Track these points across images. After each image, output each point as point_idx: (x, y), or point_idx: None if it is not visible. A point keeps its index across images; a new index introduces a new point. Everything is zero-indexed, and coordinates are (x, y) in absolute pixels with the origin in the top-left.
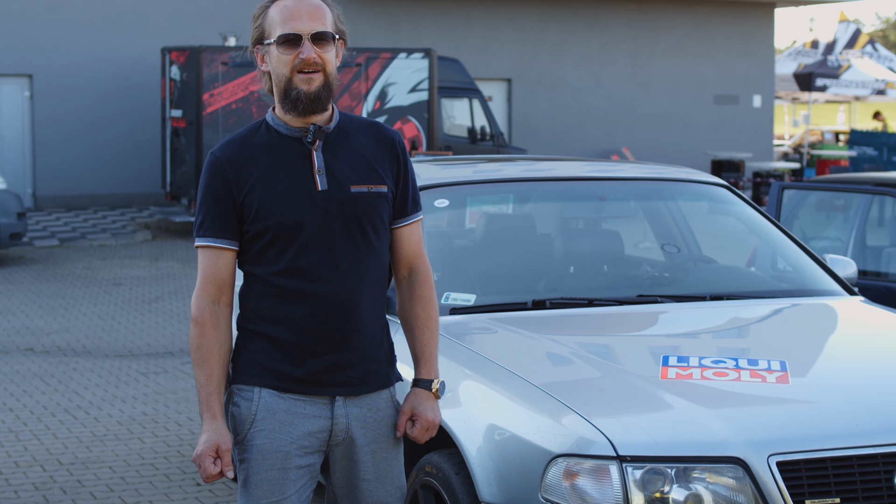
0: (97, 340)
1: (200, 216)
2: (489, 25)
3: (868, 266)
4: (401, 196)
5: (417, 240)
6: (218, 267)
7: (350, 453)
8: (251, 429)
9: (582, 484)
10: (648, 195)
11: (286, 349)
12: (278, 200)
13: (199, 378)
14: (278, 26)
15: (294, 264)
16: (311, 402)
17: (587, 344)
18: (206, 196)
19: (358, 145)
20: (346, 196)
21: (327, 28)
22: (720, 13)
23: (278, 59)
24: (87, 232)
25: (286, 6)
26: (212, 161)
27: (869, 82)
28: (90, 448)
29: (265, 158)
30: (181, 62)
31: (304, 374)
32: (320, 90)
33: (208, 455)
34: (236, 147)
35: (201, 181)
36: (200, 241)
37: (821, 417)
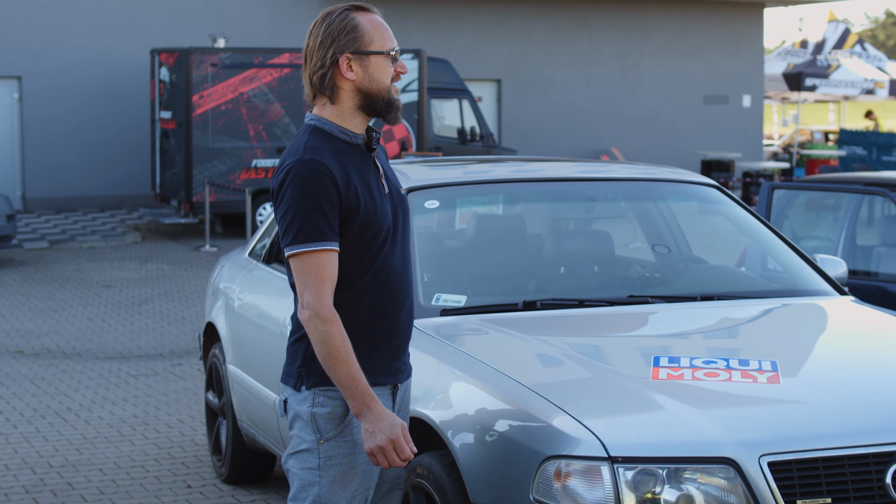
0: (87, 343)
1: (312, 221)
2: (478, 26)
3: (858, 266)
4: None
5: None
6: (334, 268)
7: None
8: (348, 424)
9: (573, 485)
10: (638, 195)
11: (375, 345)
12: (372, 204)
13: (342, 376)
14: (380, 39)
15: (380, 264)
16: (381, 391)
17: (578, 345)
18: (316, 201)
19: (381, 152)
20: (400, 197)
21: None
22: (709, 13)
23: (384, 70)
24: (77, 234)
25: (378, 21)
26: (315, 168)
27: (858, 82)
28: (80, 451)
29: (351, 164)
30: (171, 64)
31: (384, 367)
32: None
33: (400, 437)
34: (328, 154)
35: (301, 188)
36: (322, 245)
37: (812, 417)
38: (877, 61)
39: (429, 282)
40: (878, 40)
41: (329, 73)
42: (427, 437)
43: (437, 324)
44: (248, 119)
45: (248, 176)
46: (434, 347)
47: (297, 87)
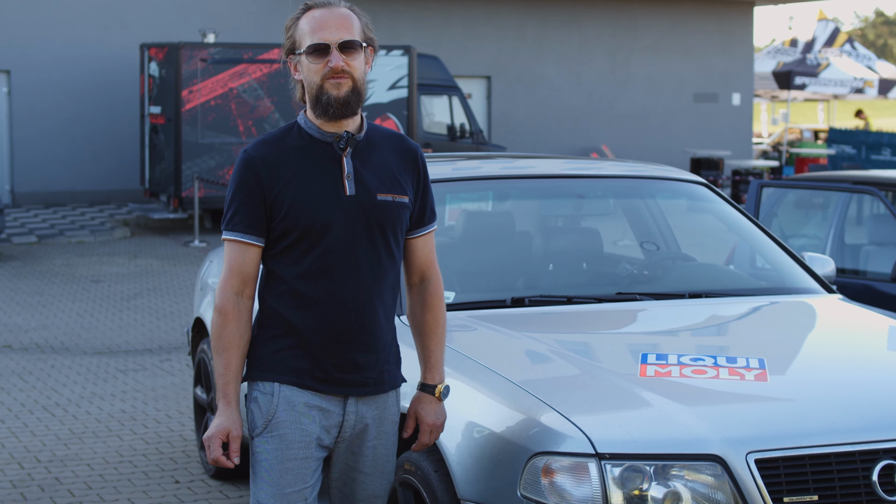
0: (75, 338)
1: (231, 210)
2: (468, 23)
3: (846, 264)
4: (419, 207)
5: (431, 249)
6: (245, 261)
7: (354, 447)
8: (273, 419)
9: (561, 481)
10: (627, 193)
11: (306, 348)
12: (308, 201)
13: (217, 366)
14: (308, 36)
15: (317, 266)
16: (325, 398)
17: (566, 341)
18: (237, 192)
19: (384, 155)
20: (373, 203)
21: (354, 37)
22: (699, 11)
23: (309, 67)
24: (66, 229)
25: (315, 17)
26: (245, 159)
27: (848, 81)
28: (68, 445)
29: (298, 159)
30: (160, 59)
31: (322, 374)
32: (349, 95)
33: (218, 437)
34: (270, 147)
35: (233, 177)
36: (228, 234)
37: (799, 415)
38: (866, 60)
39: None
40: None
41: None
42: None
43: None
44: (238, 114)
45: None
46: None
47: (286, 82)
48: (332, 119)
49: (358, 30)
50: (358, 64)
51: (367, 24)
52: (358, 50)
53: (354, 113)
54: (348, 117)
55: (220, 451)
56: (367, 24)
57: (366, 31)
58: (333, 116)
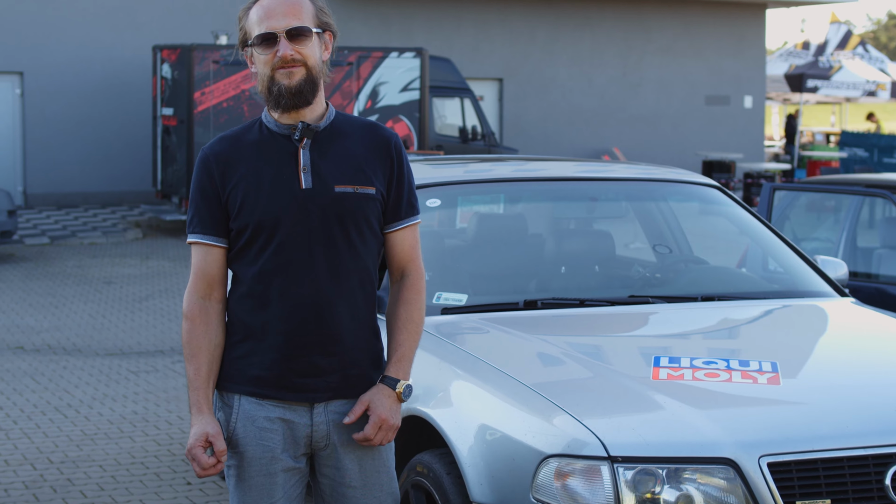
0: (88, 339)
1: (191, 212)
2: (480, 25)
3: (859, 267)
4: (393, 199)
5: (411, 245)
6: (207, 263)
7: (333, 460)
8: (233, 436)
9: (573, 484)
10: (639, 196)
11: (263, 353)
12: (260, 197)
13: (188, 373)
14: (256, 26)
15: (271, 264)
16: (289, 407)
17: (578, 344)
18: (195, 193)
19: (350, 146)
20: (330, 195)
21: (303, 23)
22: (711, 14)
23: (259, 59)
24: (78, 230)
25: (263, 5)
26: (201, 158)
27: (860, 83)
28: (81, 447)
29: (252, 155)
30: (172, 60)
31: (280, 380)
32: (302, 84)
33: (199, 446)
34: (226, 144)
35: (192, 177)
36: (191, 237)
37: (812, 418)
38: (878, 63)
39: (430, 280)
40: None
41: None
42: (427, 435)
43: (437, 322)
44: (250, 116)
45: None
46: (435, 346)
47: None
48: (285, 110)
49: (309, 15)
50: (311, 51)
51: (323, 7)
52: (308, 36)
53: (309, 102)
54: (303, 107)
55: (206, 458)
56: (323, 7)
57: (320, 16)
58: (286, 107)
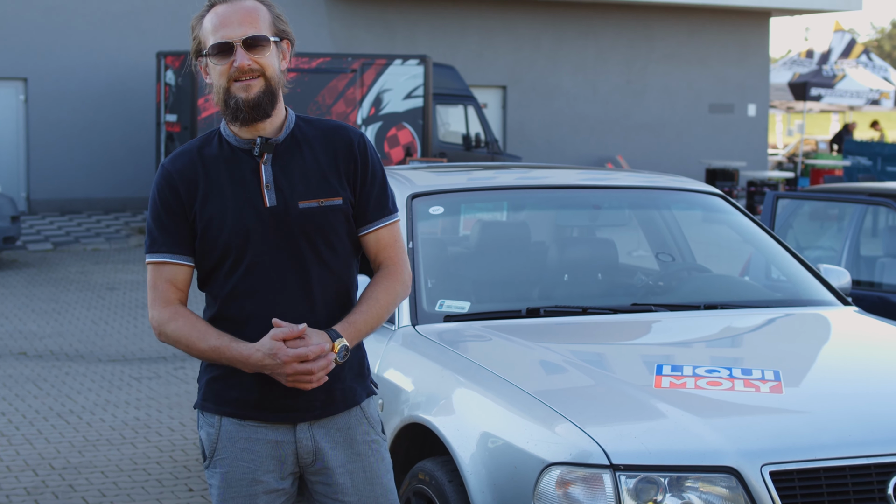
0: (90, 345)
1: (154, 231)
2: (484, 32)
3: (862, 276)
4: (362, 202)
5: (388, 244)
6: (176, 281)
7: (324, 478)
8: (214, 456)
9: (575, 492)
10: (643, 204)
11: (241, 375)
12: (226, 218)
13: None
14: (210, 35)
15: (242, 286)
16: (272, 427)
17: (581, 352)
18: (158, 210)
19: (312, 155)
20: (294, 212)
21: (260, 31)
22: (715, 22)
23: (214, 69)
24: (81, 236)
25: (217, 13)
26: (162, 174)
27: (863, 92)
28: (83, 453)
29: (215, 173)
30: (176, 67)
31: (260, 401)
32: (260, 97)
33: (277, 346)
34: (187, 159)
35: (152, 195)
36: (156, 256)
37: (814, 427)
38: (882, 72)
39: (432, 288)
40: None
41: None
42: (429, 442)
43: (440, 330)
44: None
45: None
46: (437, 353)
47: (302, 91)
48: (244, 124)
49: (266, 23)
50: (269, 61)
51: (279, 15)
52: (266, 45)
53: (268, 115)
54: (262, 120)
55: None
56: (279, 15)
57: (277, 24)
58: (245, 121)
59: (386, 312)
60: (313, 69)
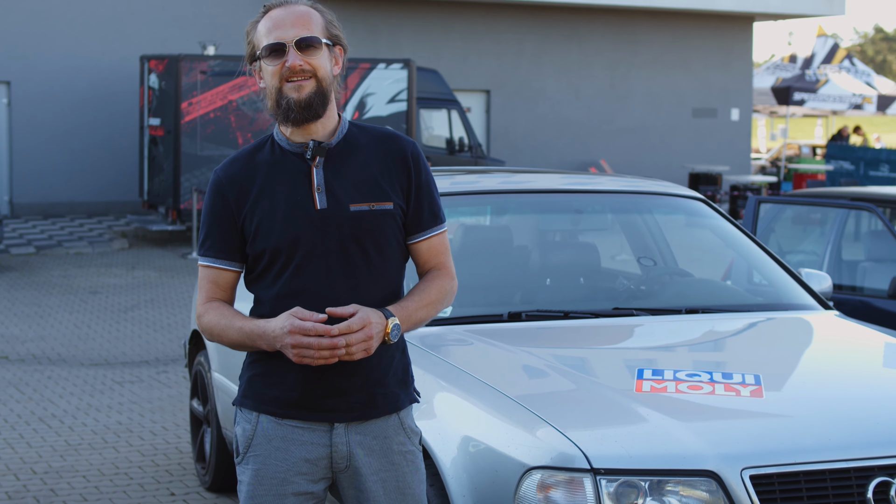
0: (73, 349)
1: (202, 235)
2: (468, 36)
3: (843, 280)
4: (414, 210)
5: (439, 251)
6: (218, 286)
7: (356, 482)
8: (248, 453)
9: (556, 496)
10: (625, 208)
11: (283, 374)
12: (275, 220)
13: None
14: (264, 38)
15: (290, 287)
16: (309, 428)
17: (563, 356)
18: (208, 216)
19: (365, 160)
20: (346, 215)
21: (313, 33)
22: (699, 26)
23: (267, 70)
24: (64, 240)
25: (272, 17)
26: (214, 181)
27: (846, 97)
28: (64, 457)
29: (266, 176)
30: (160, 70)
31: (300, 400)
32: (312, 97)
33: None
34: (239, 165)
35: (205, 199)
36: (203, 260)
37: (794, 431)
38: (865, 76)
39: None
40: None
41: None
42: None
43: (421, 334)
44: (237, 127)
45: None
46: (419, 357)
47: None
48: (295, 125)
49: (319, 27)
50: (320, 62)
51: (332, 21)
52: (318, 47)
53: (319, 115)
54: (313, 121)
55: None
56: (332, 21)
57: (330, 29)
58: (296, 122)
59: (435, 307)
60: None
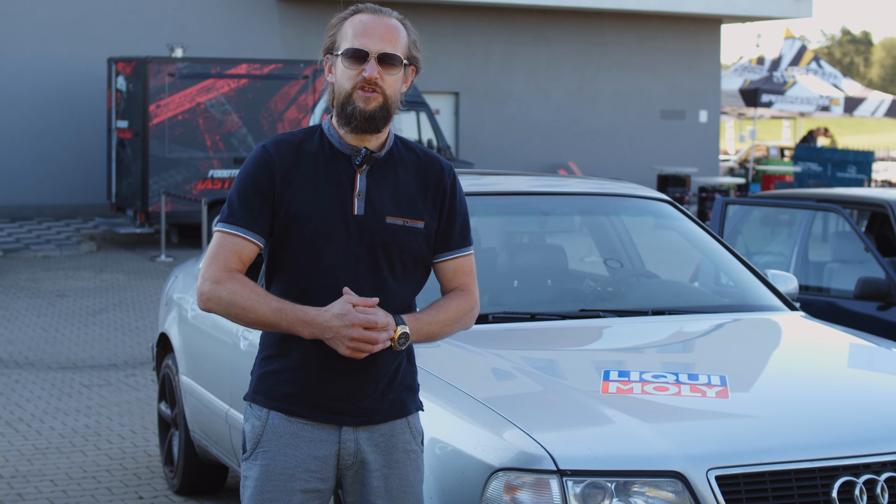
0: (40, 352)
1: (235, 203)
2: (437, 39)
3: (810, 281)
4: (444, 230)
5: (465, 272)
6: (239, 254)
7: (361, 476)
8: (257, 448)
9: (522, 498)
10: (592, 210)
11: (296, 372)
12: (314, 215)
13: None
14: (349, 40)
15: (313, 286)
16: (318, 426)
17: (529, 358)
18: (248, 186)
19: (405, 176)
20: (381, 225)
21: (397, 51)
22: (667, 29)
23: (343, 72)
24: (32, 243)
25: (362, 21)
26: (262, 154)
27: (813, 98)
28: (31, 461)
29: (312, 167)
30: (127, 73)
31: (311, 400)
32: (377, 111)
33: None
34: (289, 148)
35: (244, 170)
36: (228, 227)
37: (759, 432)
38: (832, 79)
39: None
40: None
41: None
42: None
43: None
44: (206, 129)
45: (205, 186)
46: None
47: (254, 97)
48: (354, 132)
49: (403, 45)
50: (393, 80)
51: (416, 41)
52: (397, 66)
53: (379, 130)
54: (371, 133)
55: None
56: (416, 41)
57: (411, 49)
58: (356, 129)
59: (451, 325)
60: (265, 75)
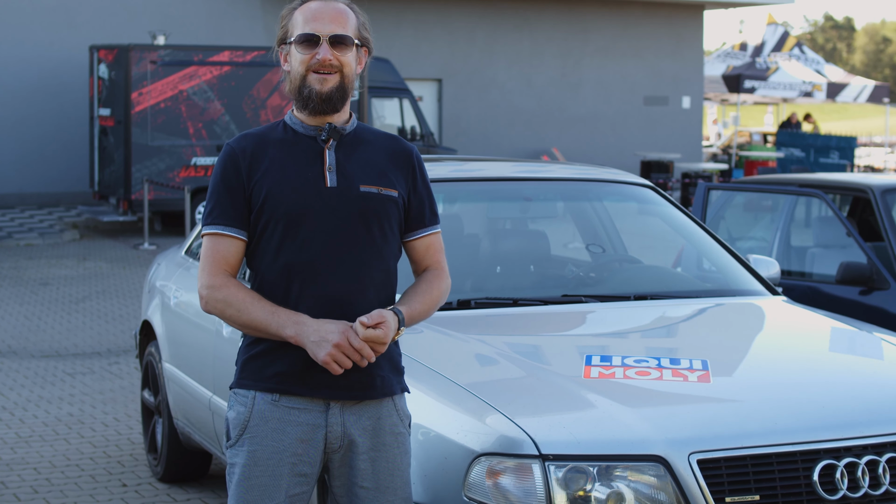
0: (23, 340)
1: (211, 204)
2: (419, 25)
3: (792, 266)
4: (416, 208)
5: (437, 249)
6: (229, 253)
7: (348, 459)
8: (243, 434)
9: (505, 483)
10: (575, 196)
11: (283, 350)
12: (286, 192)
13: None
14: (300, 26)
15: (294, 259)
16: (305, 409)
17: (512, 344)
18: (218, 185)
19: (374, 152)
20: (355, 194)
21: (347, 32)
22: (650, 15)
23: (296, 58)
24: (14, 231)
25: (310, 8)
26: (227, 152)
27: (796, 84)
28: (14, 449)
29: (279, 152)
30: (110, 60)
31: (302, 374)
32: (333, 91)
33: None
34: (251, 140)
35: (215, 170)
36: (212, 228)
37: (741, 416)
38: (815, 64)
39: None
40: (817, 43)
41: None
42: None
43: None
44: (188, 117)
45: (188, 174)
46: None
47: (237, 84)
48: (313, 114)
49: (353, 27)
50: (348, 60)
51: (364, 23)
52: (349, 46)
53: (337, 110)
54: (330, 114)
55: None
56: (364, 23)
57: (361, 31)
58: (314, 111)
59: (434, 307)
60: (247, 62)
